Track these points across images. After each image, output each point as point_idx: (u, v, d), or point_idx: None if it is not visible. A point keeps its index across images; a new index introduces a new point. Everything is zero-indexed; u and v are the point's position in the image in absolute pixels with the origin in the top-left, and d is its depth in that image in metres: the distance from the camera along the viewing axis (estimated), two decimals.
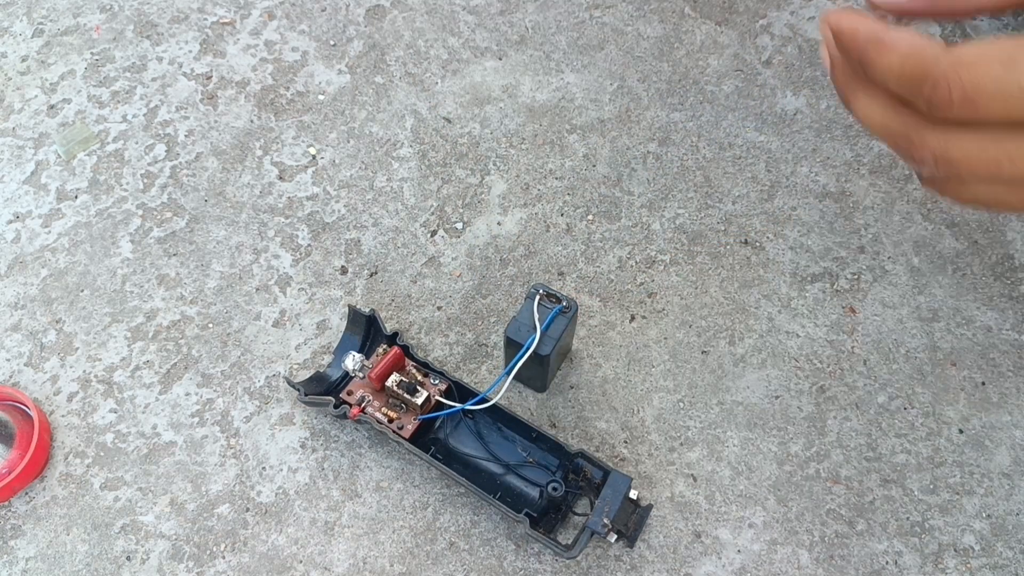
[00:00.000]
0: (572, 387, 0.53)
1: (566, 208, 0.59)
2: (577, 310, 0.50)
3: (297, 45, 0.66)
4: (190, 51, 0.66)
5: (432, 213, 0.60)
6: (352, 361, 0.49)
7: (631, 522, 0.46)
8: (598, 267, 0.57)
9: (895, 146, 0.37)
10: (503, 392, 0.48)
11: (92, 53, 0.66)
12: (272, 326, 0.56)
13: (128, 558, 0.50)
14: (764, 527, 0.49)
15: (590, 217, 0.59)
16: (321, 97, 0.64)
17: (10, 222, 0.60)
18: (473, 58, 0.65)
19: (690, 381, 0.53)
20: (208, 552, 0.50)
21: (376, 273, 0.58)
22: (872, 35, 0.36)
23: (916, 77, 0.35)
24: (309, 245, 0.59)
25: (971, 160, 0.35)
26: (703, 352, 0.54)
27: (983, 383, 0.52)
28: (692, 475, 0.50)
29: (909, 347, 0.53)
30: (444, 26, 0.67)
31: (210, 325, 0.56)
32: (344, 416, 0.49)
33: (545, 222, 0.59)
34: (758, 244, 0.57)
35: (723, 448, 0.51)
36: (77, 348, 0.56)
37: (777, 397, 0.52)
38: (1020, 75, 0.33)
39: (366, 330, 0.53)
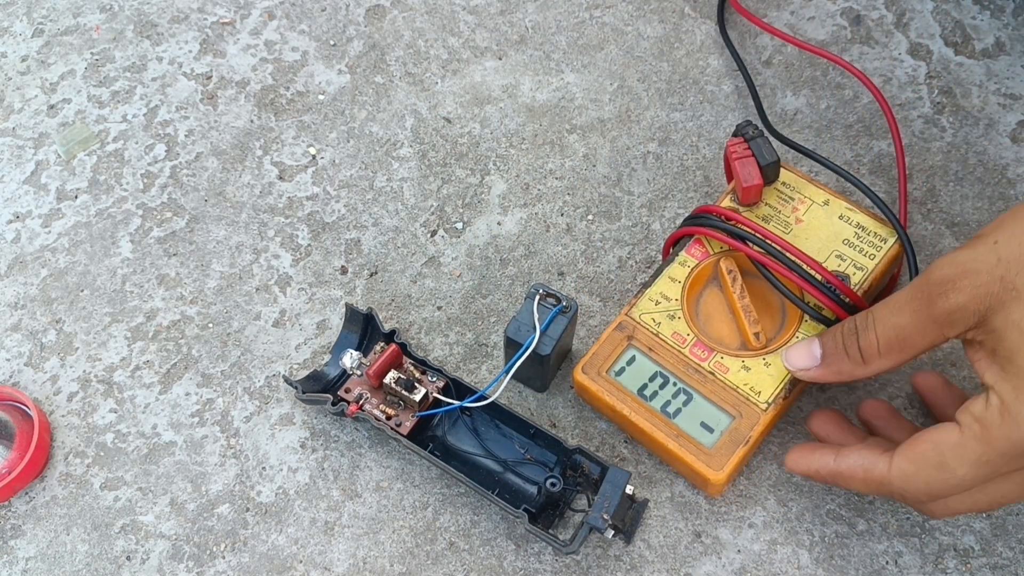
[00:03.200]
0: (572, 387, 0.53)
1: (566, 208, 0.59)
2: (577, 310, 0.50)
3: (297, 45, 0.66)
4: (190, 51, 0.66)
5: (432, 213, 0.60)
6: (350, 359, 0.50)
7: (628, 518, 0.46)
8: (598, 267, 0.57)
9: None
10: (501, 390, 0.48)
11: (92, 53, 0.67)
12: (272, 326, 0.56)
13: (128, 558, 0.50)
14: (764, 527, 0.49)
15: (590, 217, 0.59)
16: (321, 97, 0.64)
17: (10, 222, 0.60)
18: (473, 58, 0.66)
19: None
20: (208, 552, 0.50)
21: (376, 273, 0.58)
22: (832, 473, 0.43)
23: (881, 493, 0.42)
24: (309, 245, 0.59)
25: (973, 510, 0.41)
26: None
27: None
28: None
29: None
30: (444, 26, 0.67)
31: (210, 325, 0.56)
32: (342, 413, 0.50)
33: (545, 222, 0.59)
34: None
35: None
36: (77, 348, 0.56)
37: None
38: (953, 474, 0.38)
39: (363, 328, 0.53)
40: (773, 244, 0.48)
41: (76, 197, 0.61)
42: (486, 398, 0.48)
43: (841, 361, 0.43)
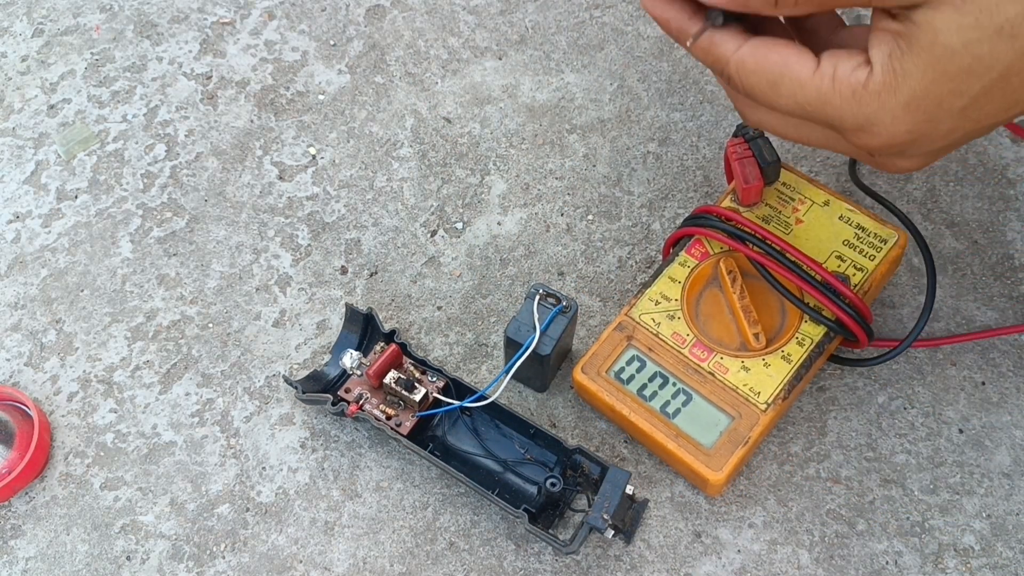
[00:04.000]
0: (572, 387, 0.53)
1: (566, 208, 0.59)
2: (577, 310, 0.50)
3: (297, 45, 0.66)
4: (190, 51, 0.66)
5: (432, 213, 0.60)
6: (350, 359, 0.50)
7: (627, 518, 0.46)
8: (598, 267, 0.57)
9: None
10: (501, 390, 0.48)
11: (92, 53, 0.67)
12: (272, 326, 0.56)
13: (128, 558, 0.50)
14: (764, 527, 0.49)
15: (590, 217, 0.59)
16: (321, 97, 0.64)
17: (10, 222, 0.60)
18: (473, 58, 0.66)
19: None
20: (208, 552, 0.50)
21: (376, 273, 0.58)
22: (679, 28, 0.39)
23: (714, 66, 0.38)
24: (309, 245, 0.59)
25: (778, 133, 0.39)
26: None
27: (983, 383, 0.52)
28: None
29: (909, 347, 0.53)
30: (444, 26, 0.67)
31: (210, 325, 0.56)
32: (342, 413, 0.50)
33: (545, 222, 0.59)
34: None
35: None
36: (77, 348, 0.56)
37: None
38: (778, 96, 0.36)
39: (363, 328, 0.54)
40: (773, 245, 0.48)
41: (76, 197, 0.61)
42: (486, 398, 0.48)
43: None
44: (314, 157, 0.62)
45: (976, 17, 0.31)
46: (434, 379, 0.51)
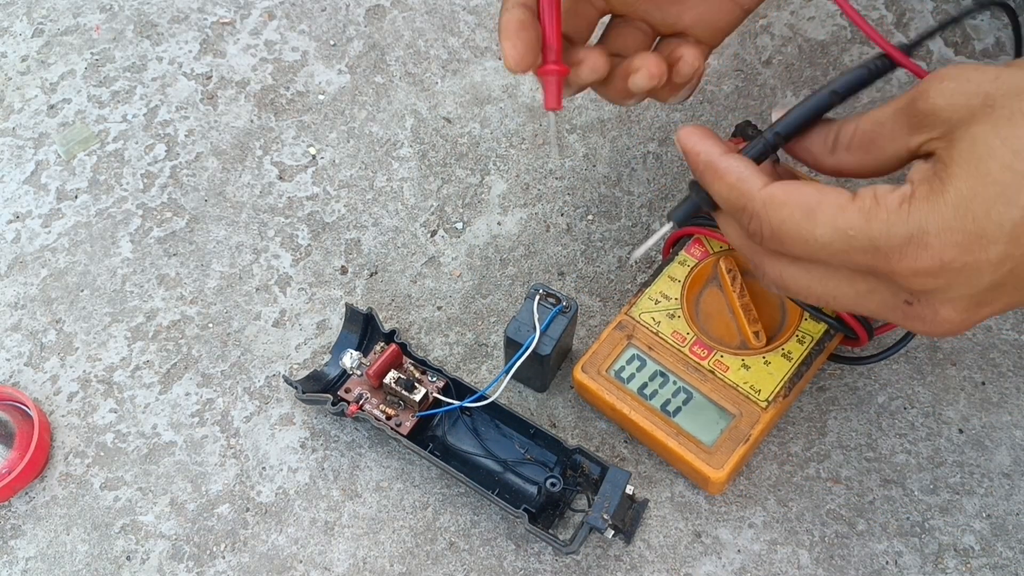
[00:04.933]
0: (572, 387, 0.53)
1: (566, 208, 0.59)
2: (577, 310, 0.50)
3: (297, 45, 0.66)
4: (190, 51, 0.66)
5: (432, 213, 0.60)
6: (350, 359, 0.50)
7: (628, 518, 0.46)
8: (598, 267, 0.57)
9: (751, 266, 0.40)
10: (501, 390, 0.48)
11: (92, 53, 0.67)
12: (272, 326, 0.56)
13: (128, 558, 0.50)
14: (764, 527, 0.49)
15: (590, 217, 0.59)
16: (321, 97, 0.64)
17: (10, 222, 0.60)
18: (473, 58, 0.66)
19: None
20: (208, 552, 0.50)
21: (376, 273, 0.58)
22: (708, 162, 0.40)
23: (737, 208, 0.38)
24: (309, 245, 0.59)
25: (801, 291, 0.37)
26: None
27: (983, 383, 0.52)
28: None
29: (909, 347, 0.53)
30: (444, 26, 0.67)
31: (210, 325, 0.56)
32: (342, 413, 0.50)
33: (545, 222, 0.59)
34: None
35: None
36: (77, 348, 0.56)
37: None
38: (815, 226, 0.35)
39: (363, 328, 0.54)
40: None
41: (76, 197, 0.61)
42: (486, 398, 0.48)
43: (814, 141, 0.38)
44: (314, 157, 0.62)
45: (1011, 130, 0.31)
46: (434, 379, 0.51)
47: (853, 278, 0.35)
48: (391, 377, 0.49)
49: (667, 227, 0.41)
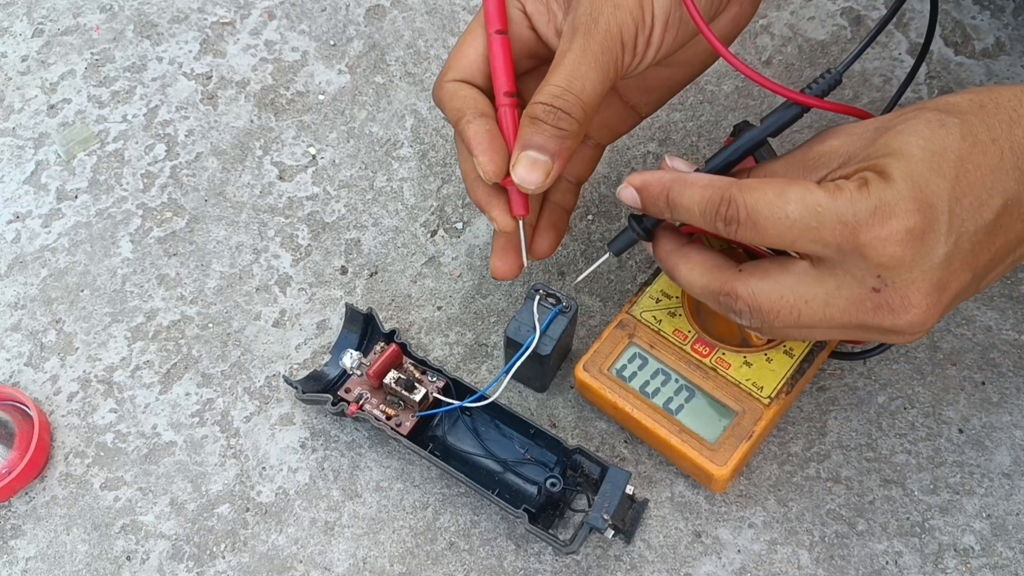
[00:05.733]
0: (572, 387, 0.53)
1: None
2: (577, 310, 0.50)
3: (297, 45, 0.67)
4: (190, 51, 0.66)
5: (432, 213, 0.60)
6: (350, 359, 0.50)
7: (628, 518, 0.46)
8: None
9: (717, 305, 0.42)
10: (501, 390, 0.48)
11: (92, 53, 0.67)
12: (272, 326, 0.56)
13: (128, 558, 0.50)
14: (764, 527, 0.49)
15: (590, 217, 0.59)
16: (321, 97, 0.64)
17: (10, 222, 0.60)
18: None
19: None
20: (208, 552, 0.50)
21: (376, 273, 0.58)
22: (676, 178, 0.41)
23: (714, 201, 0.39)
24: (309, 245, 0.59)
25: (773, 307, 0.39)
26: None
27: (983, 383, 0.52)
28: None
29: (909, 347, 0.53)
30: (444, 26, 0.67)
31: (210, 325, 0.56)
32: (342, 413, 0.50)
33: None
34: None
35: None
36: (77, 348, 0.56)
37: None
38: (786, 203, 0.37)
39: (363, 328, 0.53)
40: None
41: (76, 197, 0.61)
42: (486, 398, 0.48)
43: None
44: (314, 157, 0.62)
45: (919, 128, 0.36)
46: (434, 379, 0.51)
47: (821, 277, 0.37)
48: (391, 377, 0.49)
49: (605, 256, 0.46)
